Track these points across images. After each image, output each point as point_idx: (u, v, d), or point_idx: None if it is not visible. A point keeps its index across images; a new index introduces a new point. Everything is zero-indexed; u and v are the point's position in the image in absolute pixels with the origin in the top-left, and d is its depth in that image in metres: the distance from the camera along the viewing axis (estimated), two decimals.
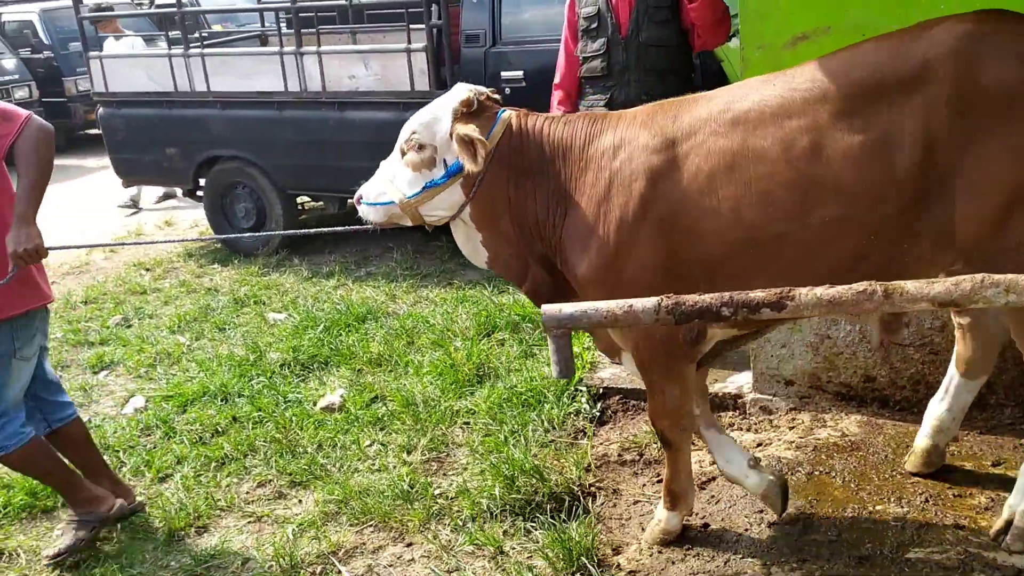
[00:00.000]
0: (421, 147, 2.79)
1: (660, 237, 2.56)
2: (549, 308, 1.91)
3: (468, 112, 2.75)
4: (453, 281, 6.11)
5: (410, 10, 5.98)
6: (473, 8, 5.88)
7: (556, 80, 4.46)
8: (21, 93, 12.79)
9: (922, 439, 3.12)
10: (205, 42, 7.35)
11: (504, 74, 5.75)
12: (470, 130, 2.67)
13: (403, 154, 2.85)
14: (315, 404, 4.38)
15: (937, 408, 3.06)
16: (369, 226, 2.99)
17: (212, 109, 6.83)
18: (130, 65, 7.11)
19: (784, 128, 2.43)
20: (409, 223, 2.93)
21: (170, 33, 7.49)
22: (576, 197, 2.69)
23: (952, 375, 3.02)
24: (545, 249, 2.82)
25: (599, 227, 2.62)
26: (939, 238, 2.40)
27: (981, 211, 2.35)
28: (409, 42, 5.98)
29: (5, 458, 3.27)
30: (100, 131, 8.21)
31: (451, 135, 2.72)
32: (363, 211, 2.96)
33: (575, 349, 4.46)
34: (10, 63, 12.93)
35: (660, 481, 3.42)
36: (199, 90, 6.80)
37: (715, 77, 5.18)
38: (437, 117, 2.78)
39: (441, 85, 5.99)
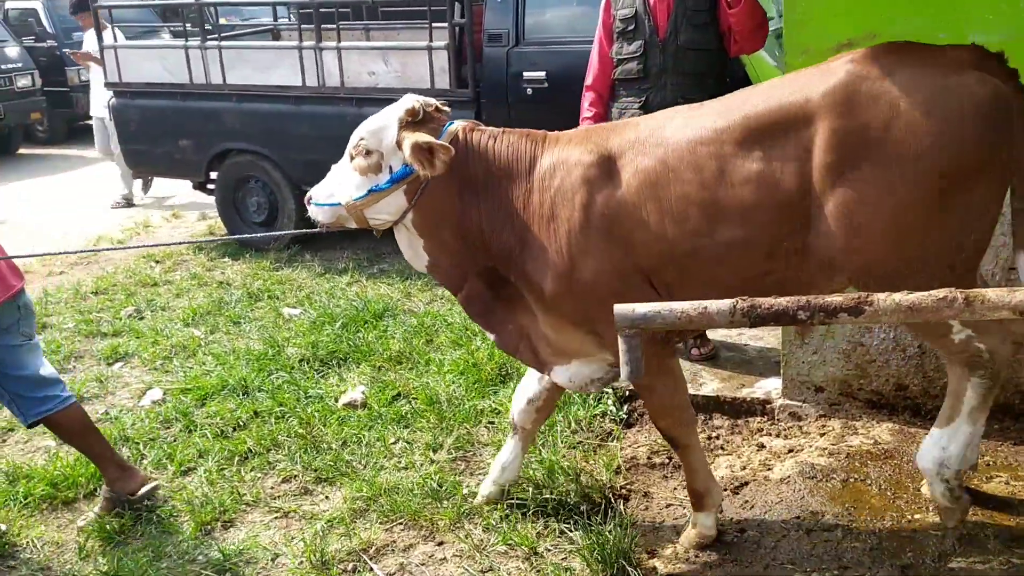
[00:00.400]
0: (368, 153, 2.90)
1: (606, 243, 2.72)
2: (621, 308, 1.89)
3: (413, 121, 2.86)
4: None
5: (433, 8, 5.95)
6: (496, 7, 5.86)
7: (588, 81, 4.45)
8: (24, 81, 12.69)
9: None
10: (221, 34, 7.28)
11: (526, 74, 5.73)
12: (427, 137, 2.77)
13: (352, 158, 2.96)
14: (337, 400, 4.35)
15: None
16: (318, 229, 3.12)
17: (227, 102, 6.79)
18: (145, 55, 7.06)
19: (697, 154, 2.64)
20: (355, 225, 3.05)
21: (175, 25, 7.46)
22: (526, 220, 2.83)
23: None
24: (492, 262, 2.93)
25: (552, 244, 2.77)
26: (823, 261, 2.59)
27: (860, 240, 2.51)
28: (431, 40, 5.96)
29: None
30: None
31: (397, 143, 2.83)
32: (312, 211, 3.09)
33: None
34: (13, 51, 12.81)
35: None
36: (215, 82, 6.76)
37: (740, 83, 5.18)
38: (384, 125, 2.89)
39: (462, 84, 5.98)
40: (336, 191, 2.99)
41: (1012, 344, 2.71)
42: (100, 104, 8.79)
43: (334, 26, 6.41)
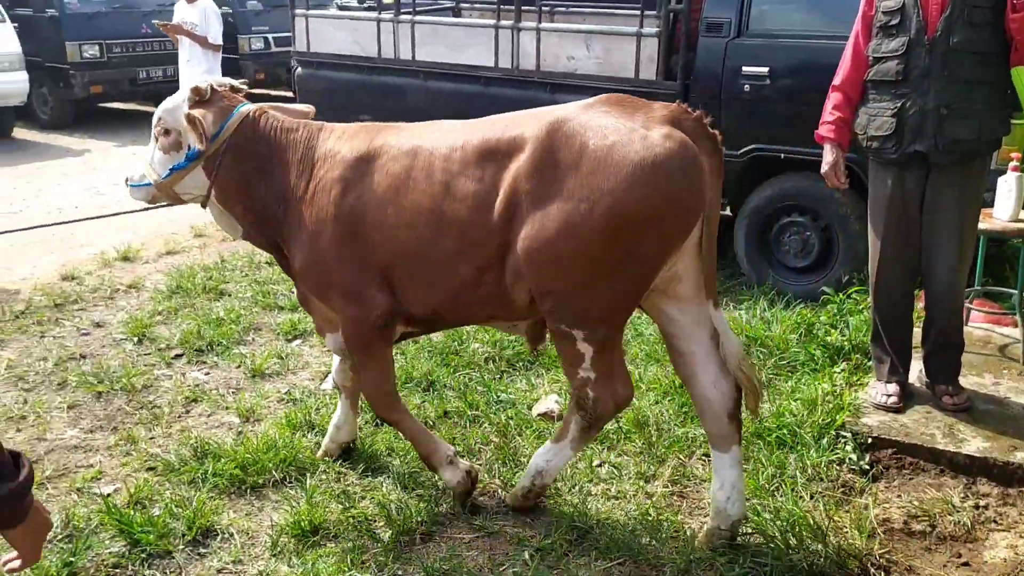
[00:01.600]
0: (167, 132, 3.21)
1: (347, 239, 3.02)
2: None
3: (200, 100, 3.14)
4: None
5: None
6: None
7: (836, 81, 3.93)
8: None
9: None
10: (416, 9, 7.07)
11: (746, 69, 5.23)
12: (197, 112, 3.08)
13: (156, 139, 3.25)
14: (530, 408, 4.02)
15: None
16: (147, 207, 3.46)
17: (413, 79, 6.58)
18: (336, 27, 6.93)
19: (433, 167, 2.91)
20: (169, 202, 3.38)
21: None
22: (294, 199, 3.13)
23: None
24: (274, 236, 3.23)
25: (306, 226, 3.09)
26: (514, 276, 2.84)
27: (538, 258, 2.75)
28: (641, 25, 5.53)
29: None
30: (291, 91, 8.12)
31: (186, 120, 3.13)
32: (129, 192, 3.38)
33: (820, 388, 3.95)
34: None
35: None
36: (403, 58, 6.56)
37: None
38: (178, 104, 3.19)
39: (669, 76, 5.54)
40: (147, 171, 3.29)
41: (613, 404, 2.95)
42: (186, 81, 8.24)
43: (534, 7, 6.08)
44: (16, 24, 11.26)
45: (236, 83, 3.32)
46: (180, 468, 3.57)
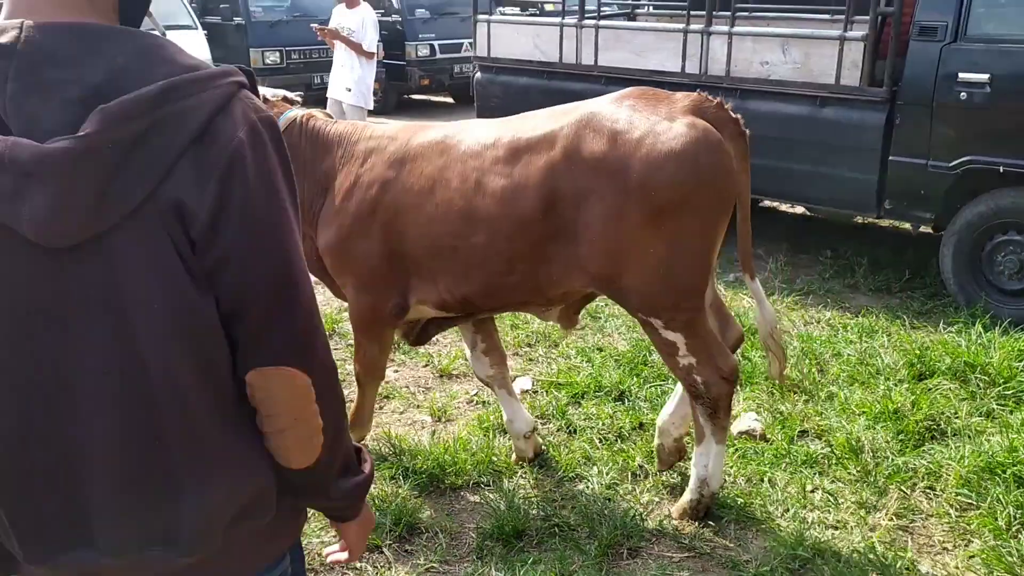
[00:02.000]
0: None
1: (381, 233, 3.18)
2: None
3: None
4: (844, 304, 5.38)
5: None
6: None
7: None
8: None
9: None
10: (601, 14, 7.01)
11: (963, 76, 4.85)
12: None
13: None
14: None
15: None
16: None
17: (594, 84, 6.49)
18: (517, 32, 6.97)
19: (466, 165, 3.03)
20: None
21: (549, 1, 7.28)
22: (332, 186, 3.29)
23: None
24: (308, 229, 3.35)
25: (340, 214, 3.24)
26: (567, 266, 2.97)
27: (594, 252, 2.89)
28: (846, 28, 5.26)
29: None
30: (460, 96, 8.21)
31: None
32: None
33: None
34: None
35: None
36: (585, 63, 6.51)
37: None
38: None
39: (875, 82, 5.24)
40: None
41: (723, 380, 2.99)
42: (339, 86, 7.91)
43: (727, 11, 5.89)
44: (206, 31, 12.00)
45: (291, 95, 3.56)
46: (380, 464, 3.62)
